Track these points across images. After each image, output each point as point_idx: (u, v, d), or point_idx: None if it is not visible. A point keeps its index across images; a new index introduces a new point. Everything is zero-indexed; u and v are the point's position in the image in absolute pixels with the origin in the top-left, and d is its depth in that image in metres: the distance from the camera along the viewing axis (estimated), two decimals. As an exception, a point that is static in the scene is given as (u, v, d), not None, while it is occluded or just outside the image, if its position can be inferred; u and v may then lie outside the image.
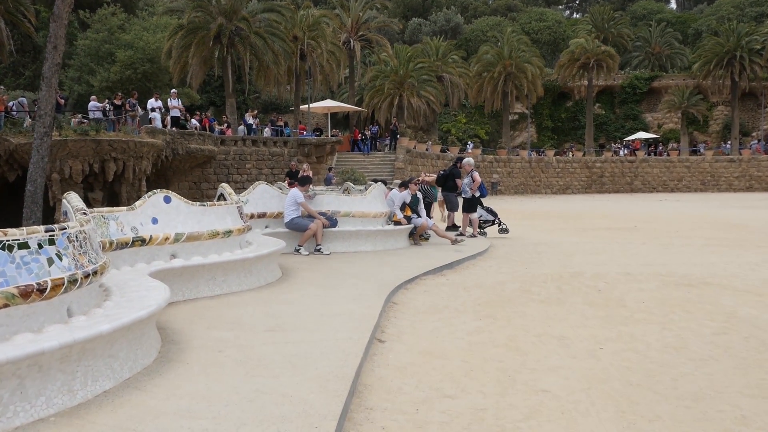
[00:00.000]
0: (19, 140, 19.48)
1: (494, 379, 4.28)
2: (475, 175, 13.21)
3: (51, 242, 3.77)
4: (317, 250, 9.90)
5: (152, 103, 24.61)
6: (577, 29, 61.55)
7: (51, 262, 3.70)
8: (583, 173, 47.02)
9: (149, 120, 23.94)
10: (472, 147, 44.49)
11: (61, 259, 3.78)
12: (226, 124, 31.25)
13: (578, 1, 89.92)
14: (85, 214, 4.71)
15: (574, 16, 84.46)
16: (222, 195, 8.25)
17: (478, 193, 13.20)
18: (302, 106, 37.32)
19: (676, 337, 5.44)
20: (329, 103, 38.72)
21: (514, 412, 3.71)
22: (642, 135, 51.85)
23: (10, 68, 39.33)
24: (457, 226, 13.90)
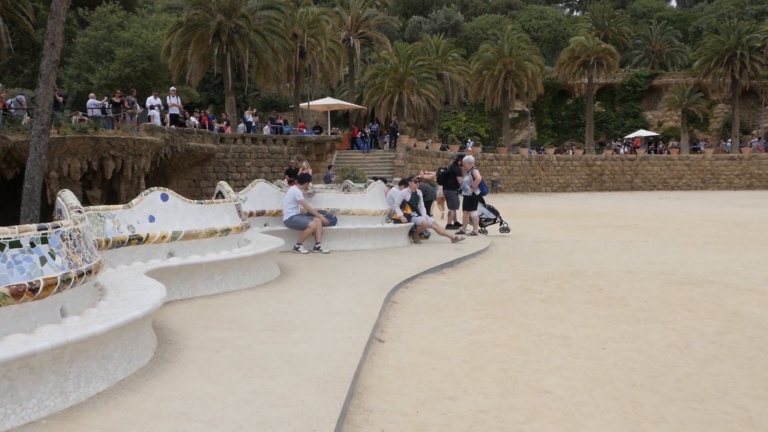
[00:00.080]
0: (17, 138, 19.39)
1: (496, 380, 4.21)
2: (475, 173, 13.14)
3: (44, 241, 3.69)
4: (316, 248, 9.83)
5: (151, 100, 24.51)
6: (578, 27, 61.36)
7: (44, 261, 3.62)
8: (583, 171, 46.92)
9: (148, 118, 23.84)
10: (472, 145, 44.43)
11: (54, 258, 3.70)
12: (225, 122, 31.14)
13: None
14: (79, 212, 4.63)
15: (575, 14, 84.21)
16: (220, 193, 8.17)
17: (478, 191, 13.13)
18: (302, 104, 37.19)
19: (680, 336, 5.37)
20: (329, 101, 38.58)
21: (516, 413, 3.64)
22: (642, 133, 51.73)
23: (9, 66, 39.23)
24: (458, 224, 13.83)
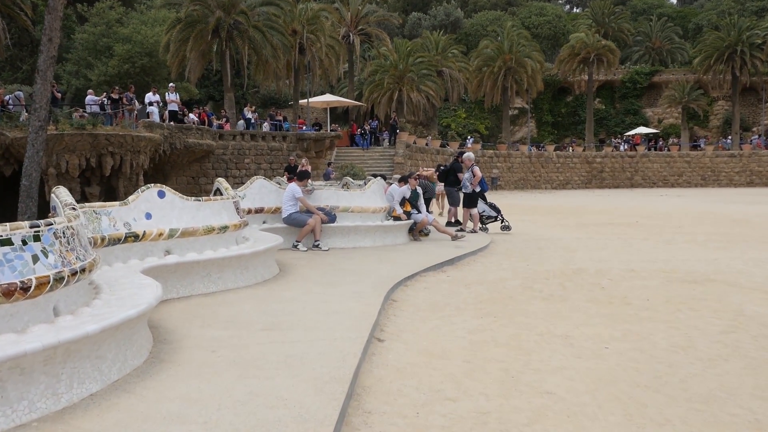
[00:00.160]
0: (15, 134, 19.29)
1: (497, 381, 4.14)
2: (475, 170, 13.06)
3: (36, 238, 3.62)
4: (315, 245, 9.76)
5: (150, 97, 24.42)
6: (578, 24, 61.23)
7: (36, 260, 3.55)
8: (583, 168, 46.84)
9: (147, 114, 23.75)
10: (471, 142, 44.32)
11: (46, 256, 3.63)
12: (224, 119, 31.05)
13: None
14: (74, 209, 4.55)
15: (575, 10, 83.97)
16: (218, 190, 8.09)
17: (478, 188, 13.06)
18: (301, 101, 37.08)
19: (683, 336, 5.29)
20: (328, 98, 38.48)
21: (518, 415, 3.57)
22: (642, 130, 51.62)
23: (8, 62, 39.10)
24: (458, 221, 13.76)
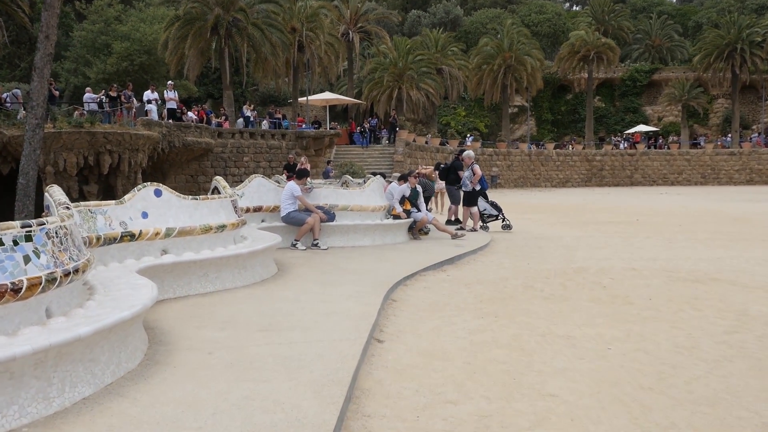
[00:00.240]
0: (13, 132, 19.23)
1: (498, 383, 4.06)
2: (475, 168, 12.98)
3: (28, 238, 3.54)
4: (314, 244, 9.68)
5: (148, 95, 24.33)
6: (577, 21, 61.13)
7: (27, 260, 3.47)
8: (583, 166, 46.77)
9: (145, 112, 23.65)
10: (471, 140, 44.22)
11: (38, 257, 3.55)
12: (223, 117, 30.95)
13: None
14: (67, 208, 4.47)
15: (574, 8, 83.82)
16: (216, 188, 8.02)
17: (478, 187, 12.98)
18: (300, 99, 37.00)
19: (687, 336, 5.22)
20: (328, 96, 38.38)
21: (520, 419, 3.49)
22: (642, 128, 51.54)
23: (6, 60, 38.99)
24: (458, 220, 13.67)
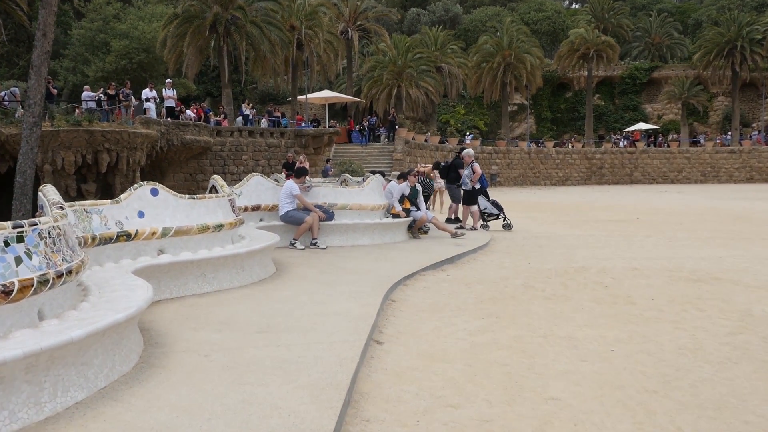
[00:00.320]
0: (11, 131, 19.11)
1: (500, 386, 3.99)
2: (475, 166, 12.91)
3: (19, 239, 3.46)
4: (313, 244, 9.61)
5: (147, 93, 24.19)
6: (577, 19, 61.03)
7: (19, 261, 3.39)
8: (582, 164, 46.68)
9: (144, 110, 23.54)
10: (471, 138, 44.13)
11: (30, 258, 3.47)
12: (222, 115, 30.85)
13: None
14: (61, 208, 4.39)
15: (574, 6, 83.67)
16: (214, 187, 7.94)
17: (478, 185, 12.91)
18: (299, 97, 36.90)
19: (691, 337, 5.15)
20: (327, 94, 38.30)
21: (522, 423, 3.42)
22: (642, 126, 51.45)
23: (4, 58, 38.87)
24: (458, 219, 13.60)
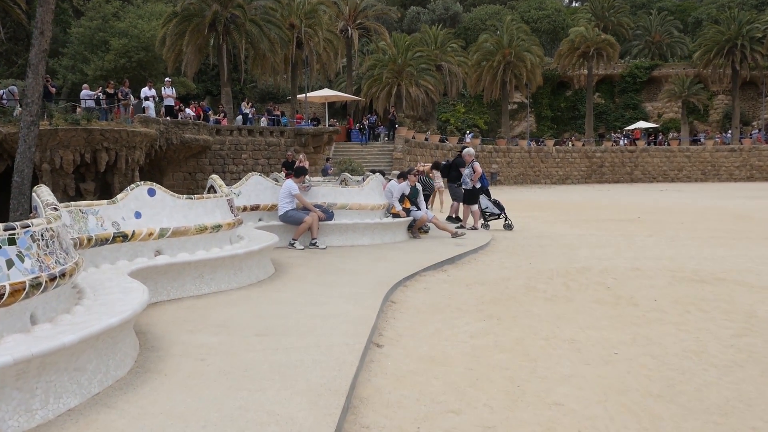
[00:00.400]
0: (9, 129, 19.03)
1: (502, 390, 3.92)
2: (475, 165, 12.82)
3: (11, 242, 3.39)
4: (312, 244, 9.53)
5: (146, 91, 24.08)
6: (577, 18, 60.88)
7: (11, 264, 3.32)
8: (582, 163, 46.60)
9: (143, 109, 23.45)
10: (471, 137, 44.05)
11: (22, 261, 3.40)
12: (222, 114, 30.76)
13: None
14: (55, 209, 4.32)
15: (574, 4, 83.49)
16: (212, 187, 7.86)
17: (478, 185, 12.83)
18: (299, 96, 36.80)
19: (695, 339, 5.08)
20: (327, 93, 38.17)
21: (525, 430, 3.35)
22: (642, 124, 51.36)
23: (3, 56, 38.77)
24: (458, 218, 13.51)
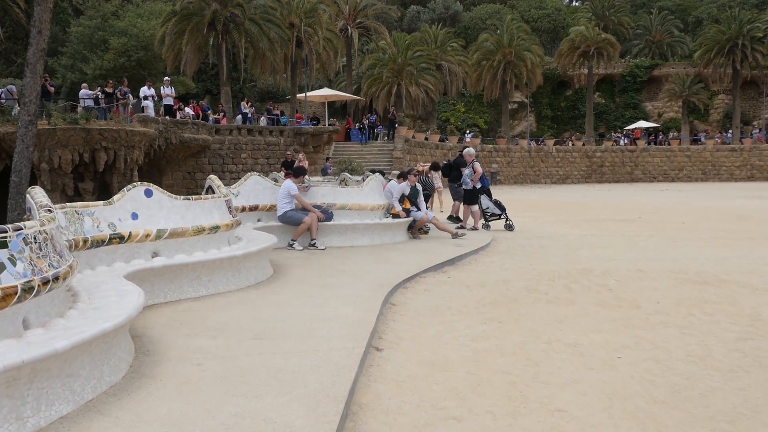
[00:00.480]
0: (7, 129, 18.97)
1: (504, 396, 3.85)
2: (476, 165, 12.75)
3: (3, 245, 3.31)
4: (312, 245, 9.46)
5: (145, 91, 24.00)
6: (577, 17, 60.78)
7: (2, 268, 3.24)
8: (583, 163, 46.52)
9: (142, 108, 23.38)
10: (471, 136, 43.98)
11: (14, 264, 3.32)
12: (222, 113, 30.68)
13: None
14: (49, 211, 4.25)
15: (574, 3, 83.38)
16: (210, 187, 7.79)
17: (479, 185, 12.76)
18: (299, 95, 36.72)
19: (699, 343, 5.00)
20: (326, 92, 38.09)
21: (528, 437, 3.28)
22: (642, 124, 51.30)
23: (2, 56, 38.68)
24: (459, 218, 13.44)
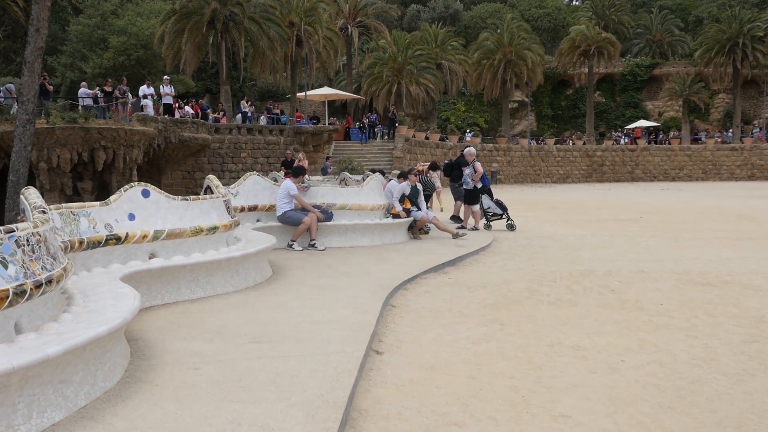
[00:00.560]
0: (6, 127, 18.89)
1: (506, 401, 3.77)
2: (476, 165, 12.67)
3: (-6, 248, 3.24)
4: (311, 245, 9.38)
5: (144, 89, 23.91)
6: (578, 16, 60.65)
7: (-6, 272, 3.17)
8: (583, 162, 46.43)
9: (141, 107, 23.29)
10: (471, 135, 43.89)
11: (6, 268, 3.25)
12: (221, 112, 30.59)
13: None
14: (44, 212, 4.17)
15: (574, 3, 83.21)
16: (209, 188, 7.71)
17: (479, 184, 12.68)
18: (299, 94, 36.62)
19: (704, 346, 4.93)
20: (326, 91, 37.97)
21: (532, 445, 3.21)
22: (643, 123, 51.19)
23: (0, 54, 38.58)
24: (459, 218, 13.36)
